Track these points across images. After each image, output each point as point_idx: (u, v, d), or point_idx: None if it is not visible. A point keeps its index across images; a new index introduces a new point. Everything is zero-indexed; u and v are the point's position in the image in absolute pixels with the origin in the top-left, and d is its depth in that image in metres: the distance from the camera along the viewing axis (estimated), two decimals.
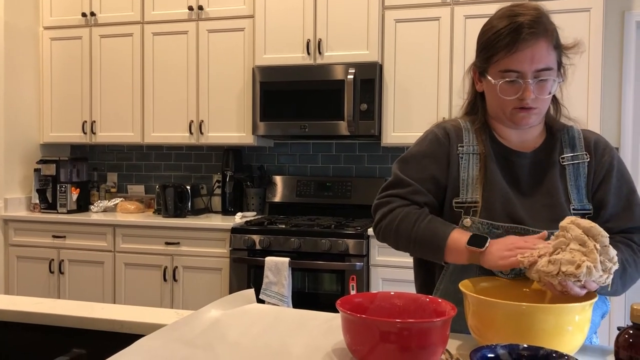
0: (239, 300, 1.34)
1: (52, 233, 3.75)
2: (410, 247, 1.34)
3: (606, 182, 1.35)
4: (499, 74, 1.29)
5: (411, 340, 0.96)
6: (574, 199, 1.33)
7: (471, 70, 1.41)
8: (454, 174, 1.37)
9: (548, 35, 1.28)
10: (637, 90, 3.45)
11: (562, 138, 1.39)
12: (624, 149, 3.40)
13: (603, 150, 1.37)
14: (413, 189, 1.37)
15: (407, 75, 3.41)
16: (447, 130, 1.41)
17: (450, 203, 1.36)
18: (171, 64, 3.83)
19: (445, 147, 1.39)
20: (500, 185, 1.34)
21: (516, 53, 1.26)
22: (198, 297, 3.46)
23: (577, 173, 1.35)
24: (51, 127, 4.09)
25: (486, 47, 1.32)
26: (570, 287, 1.08)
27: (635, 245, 1.31)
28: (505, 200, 1.32)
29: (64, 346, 1.28)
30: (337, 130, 3.46)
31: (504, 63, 1.28)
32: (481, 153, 1.36)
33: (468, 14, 3.27)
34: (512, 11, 1.30)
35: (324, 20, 3.49)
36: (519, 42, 1.25)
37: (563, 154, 1.37)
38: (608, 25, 3.31)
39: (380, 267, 3.20)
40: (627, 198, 1.34)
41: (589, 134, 1.40)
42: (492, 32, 1.30)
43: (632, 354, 0.86)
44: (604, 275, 1.09)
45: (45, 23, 4.08)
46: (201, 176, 4.16)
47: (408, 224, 1.32)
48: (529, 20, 1.26)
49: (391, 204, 1.37)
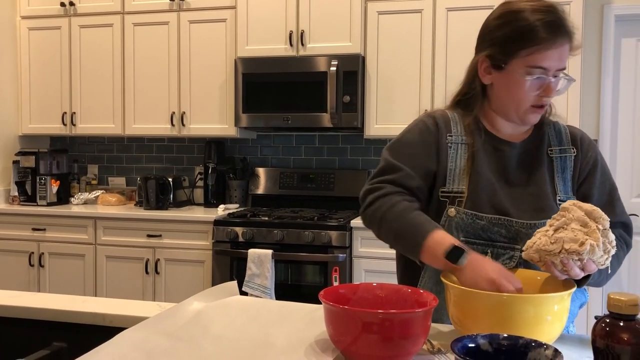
0: (221, 292, 1.34)
1: (31, 226, 3.70)
2: (391, 237, 1.31)
3: (590, 177, 1.37)
4: (525, 69, 1.26)
5: (393, 331, 0.97)
6: (560, 190, 1.35)
7: (478, 61, 1.35)
8: (443, 163, 1.36)
9: (572, 36, 1.28)
10: (615, 83, 3.50)
11: (549, 132, 1.40)
12: (602, 143, 3.45)
13: (588, 146, 1.40)
14: (405, 173, 1.33)
15: (390, 67, 3.42)
16: (437, 120, 1.40)
17: (437, 192, 1.36)
18: (152, 55, 3.79)
19: (434, 136, 1.38)
20: (486, 176, 1.34)
21: (550, 50, 1.24)
22: (180, 290, 3.45)
23: (564, 166, 1.37)
24: (30, 119, 4.03)
25: (513, 38, 1.27)
26: (571, 267, 1.09)
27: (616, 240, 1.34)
28: (491, 191, 1.33)
29: (45, 340, 1.27)
30: (320, 122, 3.46)
31: (534, 58, 1.25)
32: (469, 144, 1.37)
33: (450, 7, 3.28)
34: (543, 7, 1.26)
35: (306, 12, 3.48)
36: (557, 38, 1.24)
37: (551, 146, 1.39)
38: (587, 19, 3.35)
39: (363, 258, 3.21)
40: (609, 193, 1.38)
41: (575, 130, 1.43)
42: (522, 23, 1.26)
43: (608, 342, 0.88)
44: (604, 256, 1.10)
45: (23, 12, 4.00)
46: (183, 168, 4.13)
47: (394, 213, 1.27)
48: (564, 17, 1.26)
49: (383, 189, 1.32)
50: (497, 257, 1.32)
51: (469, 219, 1.32)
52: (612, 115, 3.49)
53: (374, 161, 3.78)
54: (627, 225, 1.37)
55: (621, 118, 3.50)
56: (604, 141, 3.46)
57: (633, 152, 3.50)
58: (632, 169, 3.50)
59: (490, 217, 1.31)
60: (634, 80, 3.48)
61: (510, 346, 0.89)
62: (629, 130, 3.50)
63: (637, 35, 3.47)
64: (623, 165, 3.50)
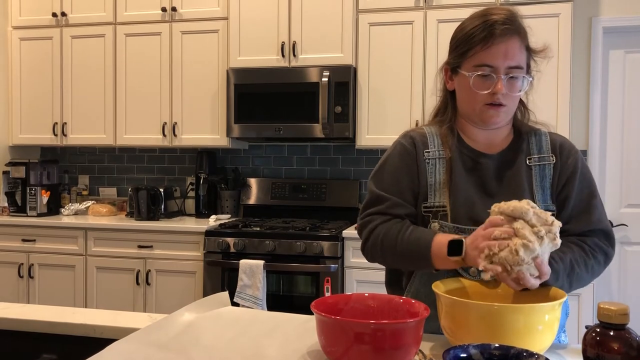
0: (213, 303, 1.33)
1: (21, 237, 3.67)
2: (399, 262, 1.37)
3: (569, 184, 1.38)
4: (472, 69, 1.33)
5: (385, 341, 0.97)
6: (539, 199, 1.37)
7: (443, 70, 1.44)
8: (423, 181, 1.39)
9: (521, 34, 1.33)
10: (604, 94, 3.54)
11: (530, 140, 1.42)
12: (592, 152, 3.48)
13: (568, 153, 1.40)
14: (391, 203, 1.38)
15: (381, 78, 3.44)
16: (413, 138, 1.43)
17: (420, 207, 1.39)
18: (144, 66, 3.79)
19: (412, 156, 1.41)
20: (464, 188, 1.37)
21: (491, 47, 1.30)
22: (172, 301, 3.43)
23: (543, 174, 1.38)
24: (20, 129, 4.01)
25: (461, 43, 1.35)
26: (527, 280, 1.11)
27: (588, 247, 1.33)
28: (469, 204, 1.35)
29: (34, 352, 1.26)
30: (312, 132, 3.46)
31: (478, 57, 1.31)
32: (447, 157, 1.39)
33: (441, 18, 3.31)
34: (487, 11, 1.35)
35: (298, 23, 3.50)
36: (494, 36, 1.29)
37: (530, 155, 1.40)
38: (576, 31, 3.39)
39: (355, 269, 3.21)
40: (587, 201, 1.37)
41: (555, 137, 1.44)
42: (467, 29, 1.34)
43: (599, 351, 0.88)
44: (549, 244, 1.11)
45: (14, 23, 4.00)
46: (174, 178, 4.12)
47: (391, 239, 1.34)
48: (503, 18, 1.31)
49: (372, 223, 1.38)
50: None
51: (451, 232, 1.33)
52: (601, 126, 3.53)
53: (366, 171, 3.79)
54: (607, 233, 1.36)
55: (610, 129, 3.53)
56: (593, 152, 3.49)
57: (622, 162, 3.53)
58: (621, 179, 3.53)
59: (471, 229, 1.32)
60: (622, 91, 3.52)
61: (502, 356, 0.89)
62: (618, 141, 3.53)
63: (624, 47, 3.51)
64: (612, 175, 3.53)
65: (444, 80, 1.44)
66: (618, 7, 3.45)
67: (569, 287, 1.28)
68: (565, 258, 1.27)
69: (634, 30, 3.47)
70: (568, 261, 1.27)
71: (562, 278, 1.24)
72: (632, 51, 3.51)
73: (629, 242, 3.51)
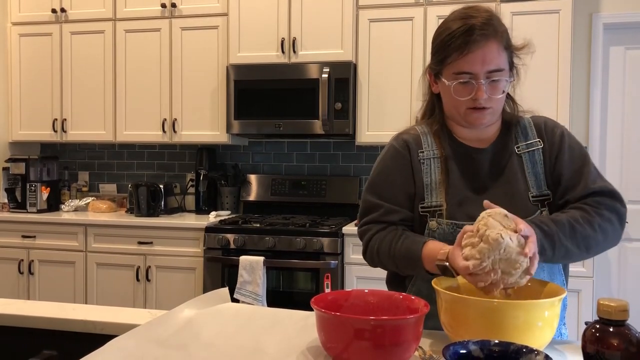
0: (213, 299, 1.33)
1: (21, 233, 3.67)
2: (398, 270, 1.39)
3: (560, 160, 1.37)
4: (452, 76, 1.32)
5: (385, 338, 0.97)
6: (532, 186, 1.37)
7: (427, 73, 1.43)
8: (419, 181, 1.40)
9: (498, 37, 1.31)
10: (604, 90, 3.53)
11: (515, 129, 1.42)
12: (592, 150, 3.48)
13: (552, 130, 1.40)
14: (385, 210, 1.40)
15: (381, 74, 3.43)
16: (406, 140, 1.44)
17: (417, 208, 1.39)
18: (144, 62, 3.78)
19: (406, 158, 1.42)
20: (459, 186, 1.37)
21: (468, 55, 1.28)
22: (172, 297, 3.43)
23: (534, 160, 1.39)
24: (20, 125, 4.01)
25: (439, 49, 1.34)
26: (497, 286, 1.11)
27: (588, 206, 1.30)
28: (464, 201, 1.36)
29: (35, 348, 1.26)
30: (312, 129, 3.46)
31: (456, 65, 1.30)
32: (441, 156, 1.40)
33: (441, 14, 3.30)
34: (465, 13, 1.32)
35: (298, 19, 3.49)
36: (470, 44, 1.28)
37: (518, 143, 1.40)
38: (576, 27, 3.38)
39: (355, 265, 3.21)
40: (580, 171, 1.36)
41: (538, 119, 1.44)
42: (445, 34, 1.32)
43: (599, 348, 0.88)
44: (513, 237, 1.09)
45: (14, 19, 3.99)
46: (174, 175, 4.12)
47: (385, 249, 1.37)
48: (480, 22, 1.29)
49: (368, 233, 1.42)
50: None
51: (449, 229, 1.34)
52: (602, 122, 3.52)
53: (366, 168, 3.79)
54: (609, 190, 1.32)
55: (610, 125, 3.53)
56: (593, 148, 3.48)
57: (622, 159, 3.53)
58: (621, 175, 3.53)
59: (469, 224, 1.32)
60: (622, 87, 3.52)
61: (502, 352, 0.89)
62: (618, 138, 3.53)
63: (625, 44, 3.51)
64: (612, 172, 3.52)
65: (429, 82, 1.44)
66: (618, 4, 3.45)
67: (579, 251, 1.26)
68: (560, 218, 1.26)
69: (634, 26, 3.47)
70: (565, 222, 1.25)
71: (562, 240, 1.23)
72: (632, 47, 3.50)
73: (629, 238, 3.51)
